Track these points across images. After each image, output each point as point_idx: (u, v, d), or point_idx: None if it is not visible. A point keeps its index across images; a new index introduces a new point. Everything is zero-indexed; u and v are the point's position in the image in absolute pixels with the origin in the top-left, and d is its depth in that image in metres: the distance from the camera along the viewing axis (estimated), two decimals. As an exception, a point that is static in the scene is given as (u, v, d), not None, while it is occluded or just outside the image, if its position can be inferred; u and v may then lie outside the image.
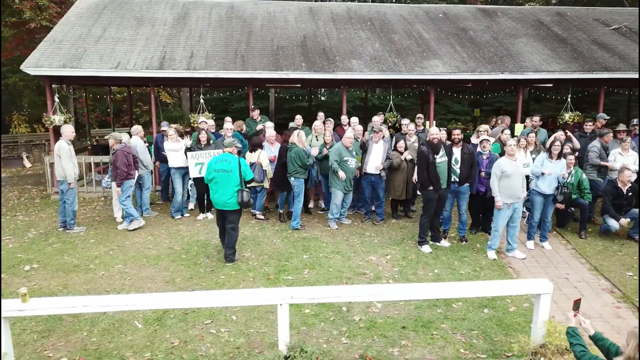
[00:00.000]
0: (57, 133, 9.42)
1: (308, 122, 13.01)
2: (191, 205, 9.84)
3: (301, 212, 8.86)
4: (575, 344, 3.46)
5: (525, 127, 10.53)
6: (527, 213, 8.76)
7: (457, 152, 7.68)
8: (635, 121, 9.92)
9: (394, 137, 9.46)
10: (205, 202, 9.31)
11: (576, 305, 3.90)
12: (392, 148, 8.96)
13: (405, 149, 8.96)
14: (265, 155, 8.89)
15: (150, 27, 12.30)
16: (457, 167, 7.65)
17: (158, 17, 12.84)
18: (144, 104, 28.44)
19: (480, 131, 9.13)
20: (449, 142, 7.98)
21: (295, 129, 9.37)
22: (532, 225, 7.89)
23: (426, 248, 7.53)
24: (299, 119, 10.52)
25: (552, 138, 8.38)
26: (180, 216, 9.31)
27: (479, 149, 8.27)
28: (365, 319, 5.46)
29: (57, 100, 10.74)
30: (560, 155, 7.80)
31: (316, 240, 8.04)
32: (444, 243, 7.80)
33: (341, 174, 8.45)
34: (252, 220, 9.09)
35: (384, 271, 6.83)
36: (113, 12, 12.85)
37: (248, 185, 7.16)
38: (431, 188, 7.26)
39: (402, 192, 9.04)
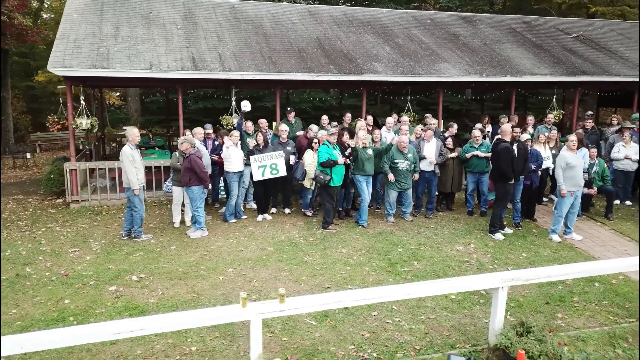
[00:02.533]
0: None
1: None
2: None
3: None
4: None
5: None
6: (556, 200, 9.95)
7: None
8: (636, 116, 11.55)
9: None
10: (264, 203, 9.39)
11: None
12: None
13: (454, 145, 9.69)
14: (309, 155, 9.19)
15: (162, 26, 11.90)
16: None
17: (165, 16, 12.43)
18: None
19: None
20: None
21: (351, 129, 9.73)
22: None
23: (499, 236, 8.33)
24: (325, 119, 10.92)
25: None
26: (234, 220, 9.25)
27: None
28: (509, 299, 6.06)
29: (82, 102, 10.10)
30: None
31: (393, 235, 8.51)
32: (508, 230, 8.64)
33: (390, 176, 9.00)
34: (308, 218, 9.37)
35: (480, 258, 7.50)
36: (115, 10, 12.23)
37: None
38: (512, 182, 8.07)
39: (449, 186, 9.78)
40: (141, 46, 10.80)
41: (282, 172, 9.15)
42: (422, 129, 9.75)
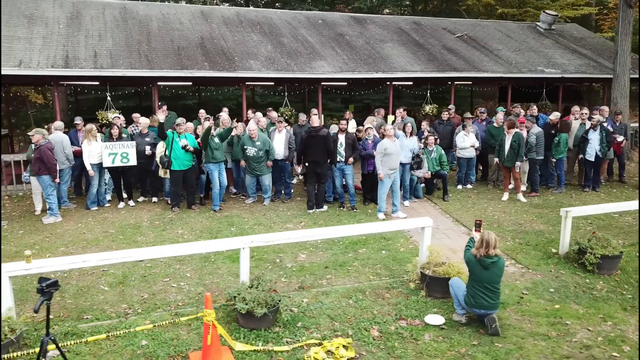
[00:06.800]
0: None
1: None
2: (108, 197, 10.39)
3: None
4: (467, 246, 5.37)
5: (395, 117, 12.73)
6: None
7: (342, 137, 9.55)
8: (482, 109, 12.66)
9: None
10: (124, 191, 10.08)
11: (477, 225, 5.63)
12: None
13: None
14: (160, 145, 9.82)
15: (44, 26, 12.38)
16: (342, 150, 9.53)
17: (49, 16, 12.90)
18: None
19: (367, 124, 11.02)
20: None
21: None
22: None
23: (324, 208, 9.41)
24: (202, 113, 11.67)
25: (399, 120, 10.71)
26: (96, 207, 9.86)
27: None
28: (296, 265, 6.94)
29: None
30: (412, 134, 10.15)
31: (238, 217, 9.30)
32: (324, 207, 9.69)
33: (242, 162, 10.05)
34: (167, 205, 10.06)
35: (300, 234, 8.35)
36: (-1, 10, 12.64)
37: None
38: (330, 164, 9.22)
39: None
40: (16, 44, 11.28)
41: (133, 161, 9.79)
42: (278, 121, 10.57)
